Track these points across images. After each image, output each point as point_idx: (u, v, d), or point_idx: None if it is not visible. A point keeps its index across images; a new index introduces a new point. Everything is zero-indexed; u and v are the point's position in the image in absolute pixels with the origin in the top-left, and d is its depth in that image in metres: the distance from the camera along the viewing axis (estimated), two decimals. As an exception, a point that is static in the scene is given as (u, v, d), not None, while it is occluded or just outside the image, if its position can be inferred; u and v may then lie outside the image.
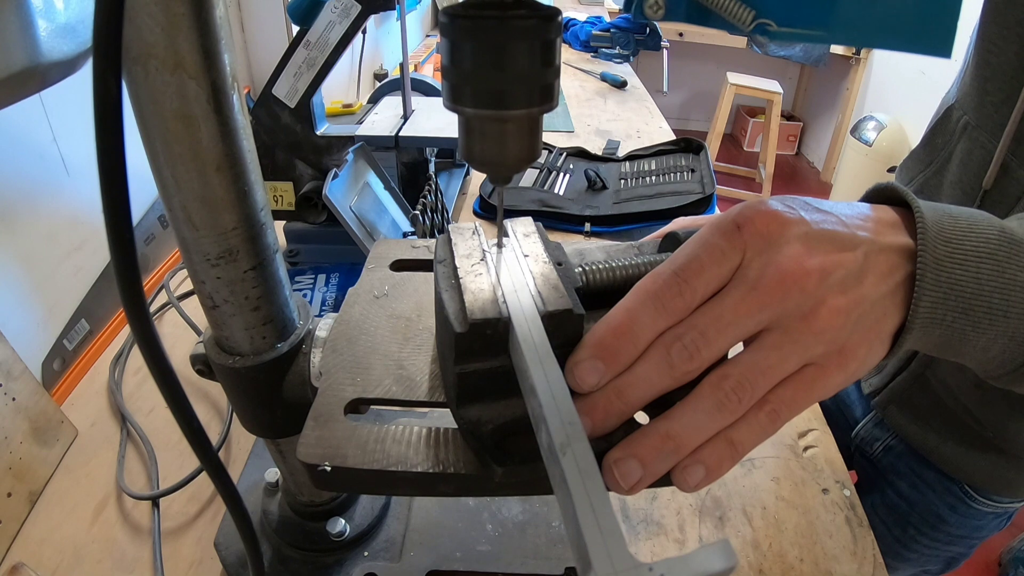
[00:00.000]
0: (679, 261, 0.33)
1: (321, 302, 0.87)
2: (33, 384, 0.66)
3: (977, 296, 0.35)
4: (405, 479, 0.32)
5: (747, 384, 0.32)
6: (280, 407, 0.42)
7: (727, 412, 0.32)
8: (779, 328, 0.32)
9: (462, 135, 0.32)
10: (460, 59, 0.29)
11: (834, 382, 0.33)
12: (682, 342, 0.32)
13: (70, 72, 0.38)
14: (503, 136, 0.31)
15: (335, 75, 0.84)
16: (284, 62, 0.82)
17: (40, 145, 0.76)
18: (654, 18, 0.27)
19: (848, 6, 0.25)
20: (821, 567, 0.61)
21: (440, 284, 0.35)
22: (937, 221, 0.36)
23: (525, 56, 0.28)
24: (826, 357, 0.33)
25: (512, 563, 0.54)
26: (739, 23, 0.25)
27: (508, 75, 0.28)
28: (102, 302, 0.86)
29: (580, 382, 0.32)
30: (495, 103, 0.29)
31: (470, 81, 0.29)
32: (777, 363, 0.32)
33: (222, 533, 0.58)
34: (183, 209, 0.34)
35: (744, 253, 0.33)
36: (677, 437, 0.31)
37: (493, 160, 0.32)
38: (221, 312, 0.38)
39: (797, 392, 0.33)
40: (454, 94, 0.30)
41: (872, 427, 0.86)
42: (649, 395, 0.32)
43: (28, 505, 0.63)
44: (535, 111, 0.30)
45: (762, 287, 0.32)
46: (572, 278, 0.36)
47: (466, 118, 0.31)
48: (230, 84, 0.32)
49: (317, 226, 0.94)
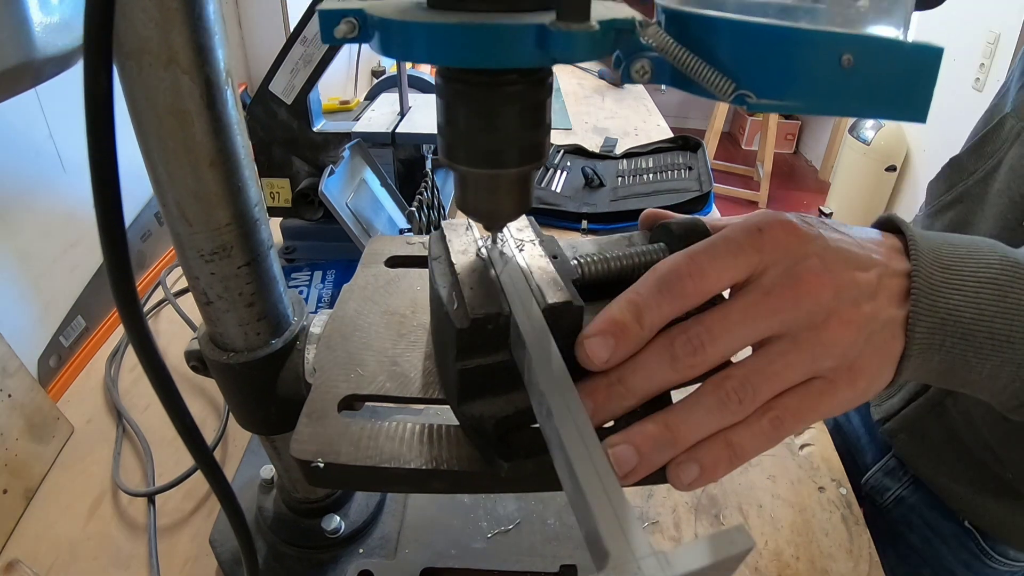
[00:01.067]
0: (694, 248, 0.33)
1: (317, 299, 0.87)
2: (29, 381, 0.66)
3: (977, 321, 0.34)
4: (398, 475, 0.32)
5: (749, 386, 0.31)
6: (275, 403, 0.42)
7: (727, 412, 0.31)
8: (788, 336, 0.32)
9: (457, 187, 0.33)
10: (454, 119, 0.30)
11: (842, 398, 0.33)
12: (687, 335, 0.32)
13: (65, 67, 0.38)
14: (496, 190, 0.32)
15: (332, 72, 0.84)
16: (281, 58, 0.82)
17: (36, 142, 0.76)
18: (640, 82, 0.28)
19: (825, 80, 0.26)
20: (817, 565, 0.61)
21: (437, 281, 0.35)
22: (933, 248, 0.36)
23: (516, 119, 0.29)
24: (835, 372, 0.33)
25: (507, 560, 0.54)
26: (720, 93, 0.26)
27: (500, 137, 0.29)
28: (98, 299, 0.86)
29: (591, 355, 0.32)
30: (488, 163, 0.30)
31: (464, 141, 0.30)
32: (782, 370, 0.32)
33: (217, 530, 0.58)
34: (177, 205, 0.34)
35: (761, 257, 0.33)
36: (675, 428, 0.31)
37: (487, 211, 0.33)
38: (215, 308, 0.38)
39: (803, 403, 0.32)
40: (449, 152, 0.31)
41: (883, 476, 0.81)
42: (650, 386, 0.32)
43: (24, 502, 0.63)
44: (526, 169, 0.31)
45: (775, 293, 0.32)
46: (568, 270, 0.36)
47: (461, 174, 0.32)
48: (224, 80, 0.32)
49: (313, 223, 0.94)
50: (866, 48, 0.26)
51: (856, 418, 0.87)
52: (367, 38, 0.27)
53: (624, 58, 0.28)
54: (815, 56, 0.26)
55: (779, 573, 0.60)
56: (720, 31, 0.27)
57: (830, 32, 0.26)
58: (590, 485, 0.24)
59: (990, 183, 0.68)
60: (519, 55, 0.26)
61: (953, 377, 0.36)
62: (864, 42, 0.26)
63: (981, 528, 0.72)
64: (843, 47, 0.25)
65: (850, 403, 0.34)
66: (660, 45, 0.26)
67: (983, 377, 0.36)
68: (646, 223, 0.43)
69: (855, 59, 0.25)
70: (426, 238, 0.50)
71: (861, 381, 0.33)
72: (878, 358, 0.34)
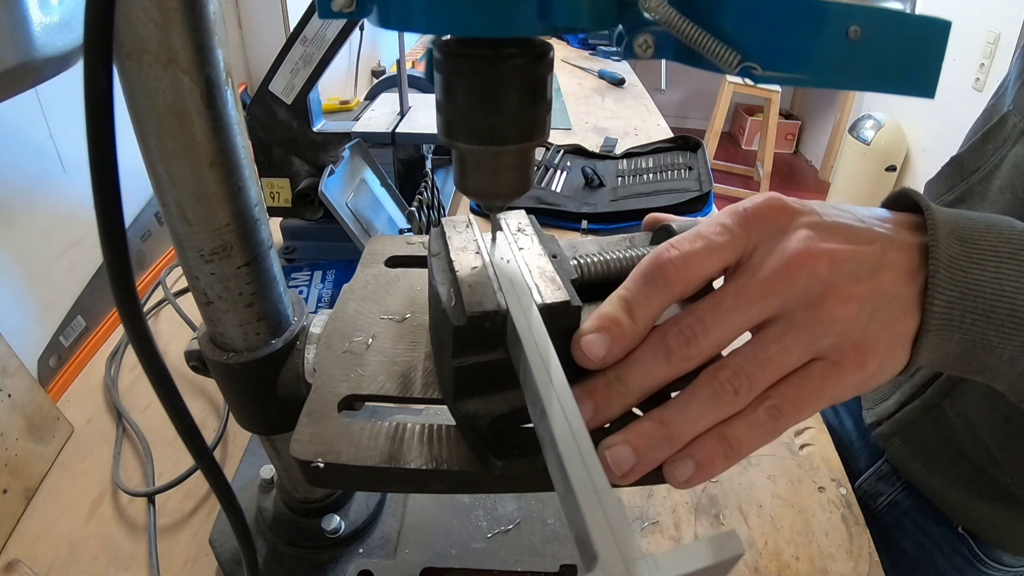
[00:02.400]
0: (678, 236, 0.33)
1: (317, 299, 0.87)
2: (29, 380, 0.66)
3: (998, 297, 0.32)
4: (398, 476, 0.32)
5: (743, 375, 0.30)
6: (274, 403, 0.42)
7: (722, 404, 0.30)
8: (783, 318, 0.31)
9: (456, 167, 0.33)
10: (453, 95, 0.29)
11: (850, 382, 0.31)
12: (678, 327, 0.31)
13: (64, 67, 0.38)
14: (496, 169, 0.32)
15: (333, 72, 0.84)
16: (281, 58, 0.82)
17: (36, 141, 0.76)
18: (643, 57, 0.27)
19: (831, 52, 0.26)
20: (817, 565, 0.61)
21: (436, 278, 0.35)
22: (951, 220, 0.33)
23: (517, 94, 0.29)
24: (839, 351, 0.31)
25: (507, 560, 0.54)
26: (725, 66, 0.26)
27: (501, 113, 0.29)
28: (98, 299, 0.86)
29: (587, 352, 0.31)
30: (488, 139, 0.30)
31: (464, 118, 0.30)
32: (777, 355, 0.31)
33: (217, 530, 0.58)
34: (177, 205, 0.34)
35: (749, 236, 0.32)
36: (671, 424, 0.30)
37: (486, 191, 0.33)
38: (215, 308, 0.38)
39: (803, 389, 0.31)
40: (448, 130, 0.30)
41: (876, 480, 0.80)
42: (648, 382, 0.32)
43: (24, 502, 0.63)
44: (527, 146, 0.31)
45: (765, 272, 0.31)
46: (568, 270, 0.36)
47: (460, 152, 0.32)
48: (224, 80, 0.32)
49: (313, 223, 0.94)
50: (874, 20, 0.25)
51: (849, 422, 0.86)
52: (365, 12, 0.27)
53: (626, 33, 0.27)
54: (822, 27, 0.25)
55: (779, 573, 0.60)
56: (726, 1, 0.26)
57: (837, 2, 0.25)
58: (581, 486, 0.24)
59: (992, 181, 0.67)
60: (520, 23, 0.25)
61: (972, 360, 0.34)
62: (872, 13, 0.25)
63: (975, 534, 0.70)
64: (850, 18, 0.25)
65: (858, 387, 0.32)
66: (663, 18, 0.25)
67: (1003, 360, 0.34)
68: (649, 226, 0.42)
69: (862, 31, 0.25)
70: (425, 238, 0.49)
71: (872, 362, 0.31)
72: (887, 336, 0.32)
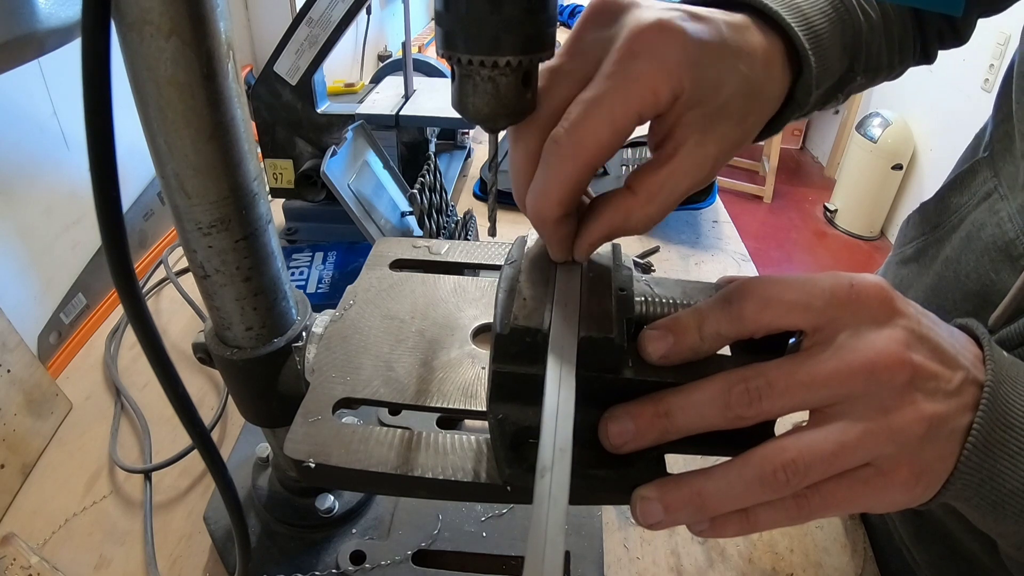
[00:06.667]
0: (773, 275, 0.32)
1: (318, 279, 0.87)
2: (28, 357, 0.66)
3: (1015, 495, 0.30)
4: (384, 480, 0.34)
5: (802, 466, 0.29)
6: (276, 399, 0.43)
7: (768, 490, 0.29)
8: (854, 414, 0.29)
9: (455, 88, 0.32)
10: (454, 3, 0.29)
11: (889, 497, 0.30)
12: (746, 384, 0.30)
13: (68, 39, 0.37)
14: (497, 88, 0.31)
15: (339, 55, 0.84)
16: (286, 39, 0.82)
17: (40, 119, 0.76)
18: None
19: None
20: (811, 558, 0.61)
21: (501, 284, 0.35)
22: (1006, 403, 0.31)
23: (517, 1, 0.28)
24: (893, 463, 0.29)
25: (500, 544, 0.54)
26: None
27: (501, 19, 0.28)
28: (99, 276, 0.86)
29: (649, 348, 0.32)
30: (489, 48, 0.29)
31: (464, 26, 0.29)
32: (839, 453, 0.29)
33: (211, 507, 0.58)
34: (176, 176, 0.34)
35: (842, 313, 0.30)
36: (708, 499, 0.30)
37: (487, 113, 0.32)
38: (212, 282, 0.38)
39: (846, 491, 0.30)
40: (447, 41, 0.30)
41: None
42: (696, 426, 0.31)
43: (21, 477, 0.63)
44: (528, 58, 0.30)
45: (849, 360, 0.29)
46: (628, 308, 0.35)
47: (461, 69, 0.31)
48: (225, 52, 0.32)
49: (316, 204, 0.94)
50: None
51: None
52: None
53: None
54: None
55: (773, 565, 0.60)
56: None
57: None
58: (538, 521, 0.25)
59: (944, 245, 0.58)
60: None
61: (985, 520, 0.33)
62: None
63: None
64: None
65: (893, 504, 0.30)
66: None
67: (991, 531, 0.34)
68: None
69: None
70: (432, 242, 0.50)
71: (918, 486, 0.30)
72: (939, 465, 0.30)
